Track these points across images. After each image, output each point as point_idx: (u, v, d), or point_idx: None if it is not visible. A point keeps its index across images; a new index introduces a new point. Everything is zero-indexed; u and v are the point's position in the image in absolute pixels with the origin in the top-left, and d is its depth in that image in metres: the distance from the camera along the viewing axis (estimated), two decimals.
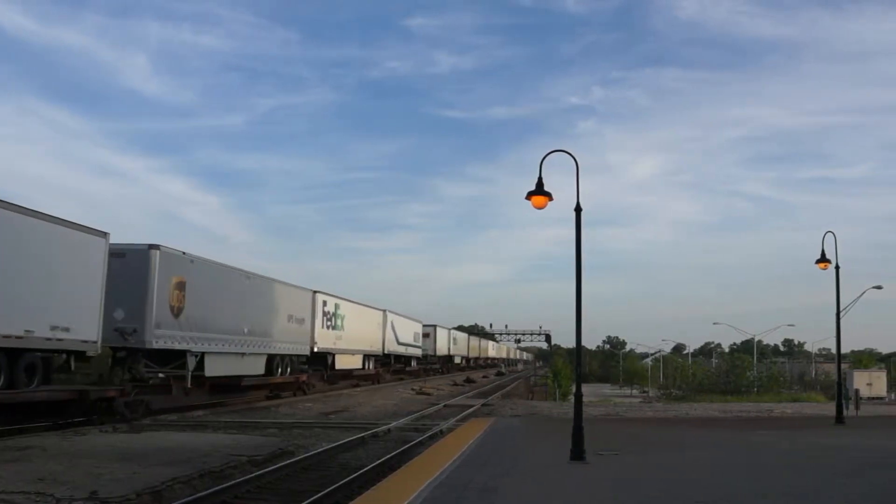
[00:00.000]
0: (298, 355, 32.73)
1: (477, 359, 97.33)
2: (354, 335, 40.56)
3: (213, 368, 24.35)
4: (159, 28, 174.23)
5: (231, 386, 26.93)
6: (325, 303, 36.08)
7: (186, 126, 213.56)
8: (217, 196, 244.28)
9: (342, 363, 38.56)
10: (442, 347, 69.00)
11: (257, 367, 28.05)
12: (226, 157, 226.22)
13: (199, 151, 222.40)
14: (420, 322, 60.84)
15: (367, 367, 43.95)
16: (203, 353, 23.63)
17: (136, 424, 19.91)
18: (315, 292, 34.91)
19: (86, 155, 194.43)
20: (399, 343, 51.69)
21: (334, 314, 37.35)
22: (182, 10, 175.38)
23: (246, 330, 26.51)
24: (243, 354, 26.52)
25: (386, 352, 48.20)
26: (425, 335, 62.51)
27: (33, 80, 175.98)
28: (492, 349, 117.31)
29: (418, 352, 59.33)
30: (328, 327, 36.20)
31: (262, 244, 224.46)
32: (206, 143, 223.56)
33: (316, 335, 34.40)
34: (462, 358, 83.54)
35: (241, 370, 26.61)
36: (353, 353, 40.72)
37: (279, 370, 30.43)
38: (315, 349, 34.26)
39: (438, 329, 67.57)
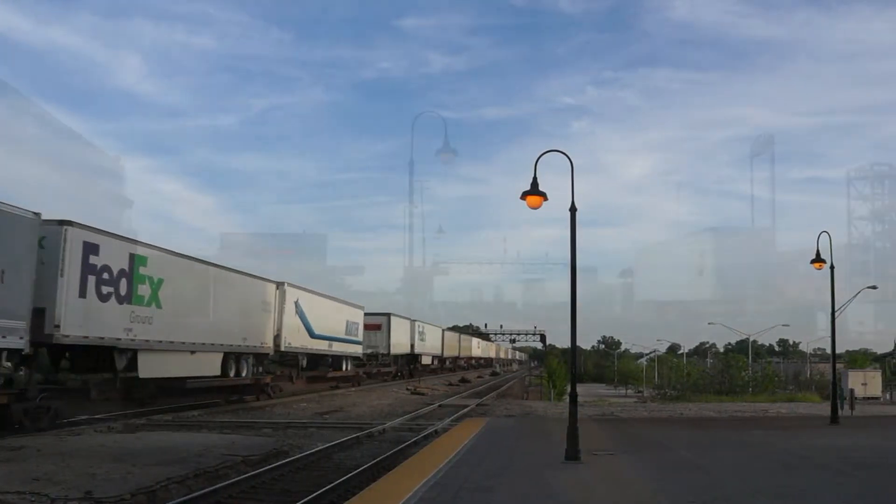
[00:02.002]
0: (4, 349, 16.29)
1: (457, 359, 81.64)
2: (199, 320, 24.51)
3: None
4: (152, 28, 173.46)
5: None
6: (96, 249, 18.89)
7: (180, 126, 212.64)
8: (211, 196, 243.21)
9: (166, 367, 22.38)
10: (400, 344, 53.40)
11: None
12: (220, 158, 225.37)
13: (193, 151, 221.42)
14: (361, 308, 44.30)
15: (238, 372, 27.81)
16: None
17: (130, 424, 19.86)
18: (64, 224, 17.75)
19: (79, 155, 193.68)
20: (315, 336, 35.22)
21: (136, 278, 20.70)
22: (175, 11, 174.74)
23: None
24: None
25: (284, 348, 31.48)
26: (373, 326, 47.59)
27: (26, 79, 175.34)
28: (476, 348, 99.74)
29: (356, 349, 42.93)
30: (119, 300, 19.91)
31: (256, 245, 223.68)
32: (199, 143, 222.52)
33: (66, 313, 17.67)
34: (434, 358, 66.88)
35: None
36: (192, 350, 23.85)
37: None
38: (68, 340, 17.90)
39: (394, 319, 51.22)
